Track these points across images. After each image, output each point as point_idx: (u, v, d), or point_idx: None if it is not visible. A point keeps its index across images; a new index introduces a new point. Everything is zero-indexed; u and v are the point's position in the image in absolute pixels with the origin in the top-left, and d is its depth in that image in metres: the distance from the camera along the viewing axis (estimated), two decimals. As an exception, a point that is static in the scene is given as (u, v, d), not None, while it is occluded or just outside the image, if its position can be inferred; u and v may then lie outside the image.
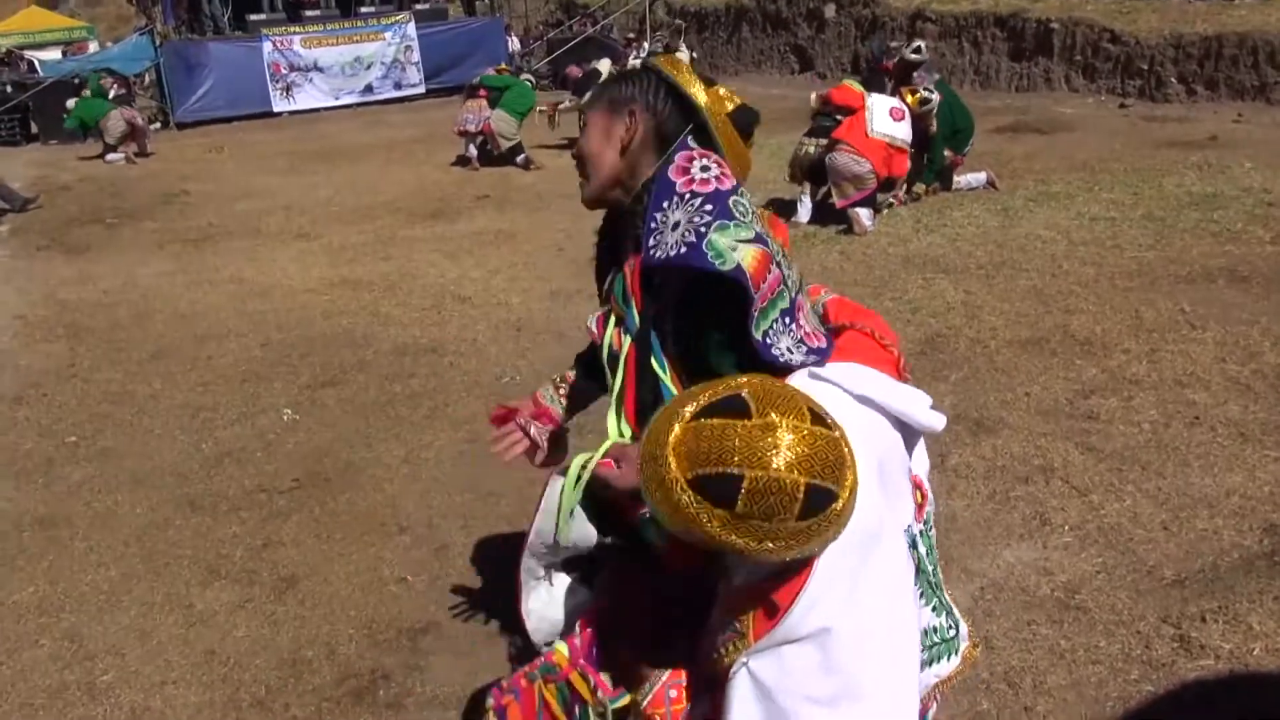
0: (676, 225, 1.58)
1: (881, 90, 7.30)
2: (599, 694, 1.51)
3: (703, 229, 1.55)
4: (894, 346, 1.66)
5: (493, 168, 10.59)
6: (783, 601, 1.25)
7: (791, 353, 1.57)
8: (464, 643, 2.84)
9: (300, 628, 2.99)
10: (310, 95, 17.74)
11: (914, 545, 1.44)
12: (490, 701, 1.51)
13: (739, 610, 1.30)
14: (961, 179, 7.75)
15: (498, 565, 3.06)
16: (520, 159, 10.64)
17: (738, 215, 1.59)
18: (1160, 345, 4.47)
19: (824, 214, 7.24)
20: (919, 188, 7.58)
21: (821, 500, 1.17)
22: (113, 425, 4.59)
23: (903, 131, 6.97)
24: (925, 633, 1.46)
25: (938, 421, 1.49)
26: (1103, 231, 6.27)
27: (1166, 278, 5.34)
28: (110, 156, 13.11)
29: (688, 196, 1.60)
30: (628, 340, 1.66)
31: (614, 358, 1.69)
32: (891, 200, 7.30)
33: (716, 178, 1.63)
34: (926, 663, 1.45)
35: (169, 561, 3.40)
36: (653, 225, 1.61)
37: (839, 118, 7.06)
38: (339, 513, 3.66)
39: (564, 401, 2.02)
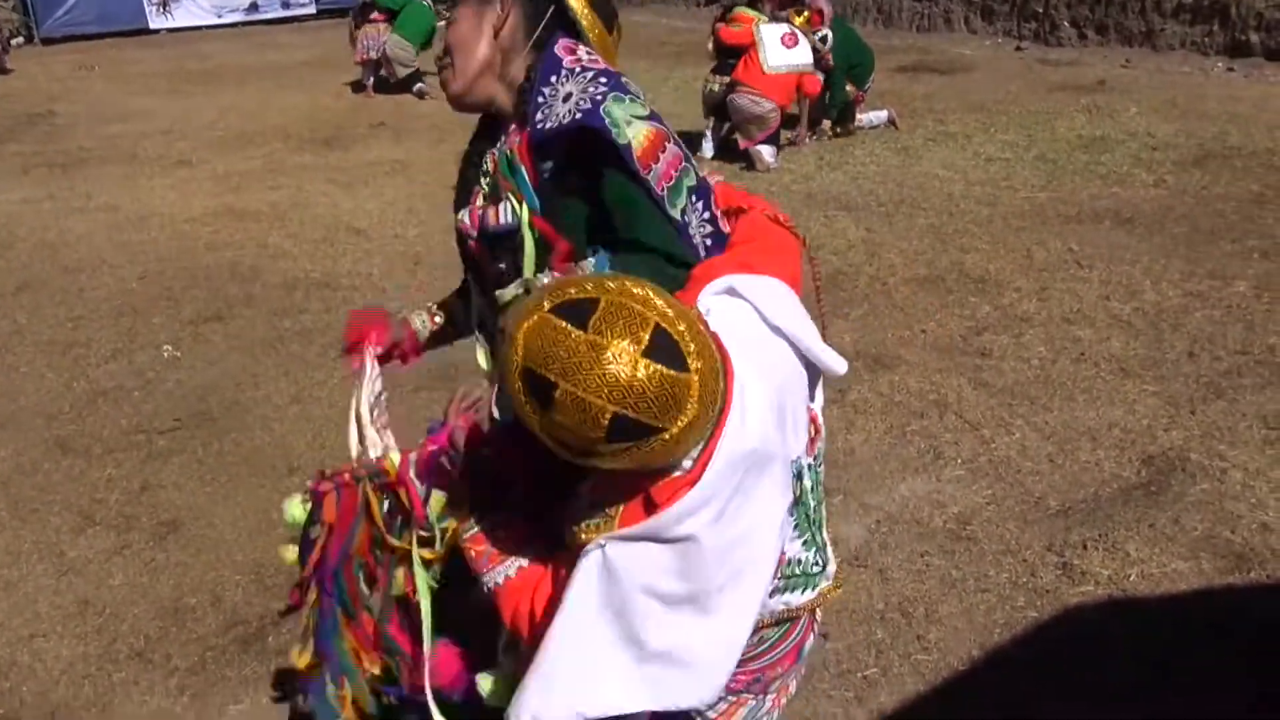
0: (569, 96, 1.52)
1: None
2: (425, 515, 1.50)
3: (598, 98, 1.50)
4: (792, 225, 1.63)
5: (388, 95, 10.16)
6: (660, 500, 1.24)
7: (703, 238, 1.55)
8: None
9: (182, 575, 2.86)
10: (190, 12, 16.66)
11: (799, 477, 1.44)
12: (309, 484, 1.46)
13: (610, 497, 1.29)
14: (864, 117, 7.78)
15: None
16: (417, 88, 10.22)
17: (632, 91, 1.54)
18: (1049, 284, 4.60)
19: (728, 151, 7.19)
20: (825, 124, 7.59)
21: (631, 431, 1.15)
22: (-28, 363, 4.28)
23: (800, 56, 6.86)
24: (788, 562, 1.46)
25: (840, 365, 1.47)
26: (997, 172, 6.40)
27: (1056, 218, 5.49)
28: (-36, 72, 12.11)
29: (578, 70, 1.55)
30: (525, 210, 1.57)
31: (496, 238, 1.61)
32: (794, 139, 7.30)
33: (604, 63, 1.59)
34: (780, 590, 1.46)
35: (37, 508, 3.20)
36: (540, 99, 1.55)
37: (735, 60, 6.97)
38: (224, 454, 3.50)
39: (432, 327, 1.93)
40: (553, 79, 1.56)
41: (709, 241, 1.57)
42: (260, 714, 2.36)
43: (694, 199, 1.57)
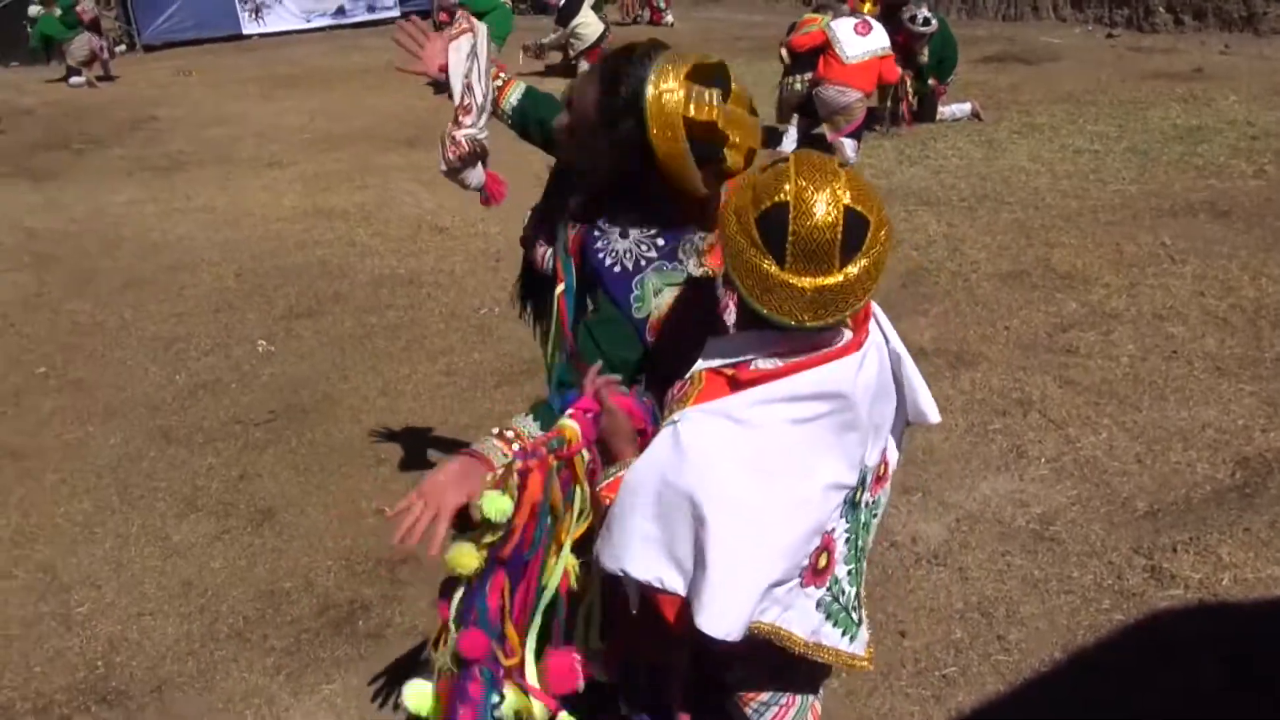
0: (626, 235, 1.64)
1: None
2: (593, 484, 1.50)
3: (642, 263, 1.62)
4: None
5: (470, 95, 10.34)
6: (743, 380, 1.31)
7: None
8: (442, 573, 2.83)
9: (278, 559, 2.98)
10: (280, 17, 17.18)
11: (853, 507, 1.43)
12: (518, 464, 1.48)
13: (693, 376, 1.37)
14: (946, 109, 7.64)
15: (476, 497, 3.05)
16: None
17: (680, 258, 1.63)
18: (1140, 279, 4.47)
19: (808, 146, 7.14)
20: (904, 114, 7.50)
21: (860, 230, 1.25)
22: (83, 356, 4.52)
23: (876, 40, 6.79)
24: (834, 580, 1.44)
25: (934, 413, 1.52)
26: (1086, 164, 6.23)
27: (1148, 211, 5.32)
28: (73, 80, 12.69)
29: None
30: (558, 289, 1.77)
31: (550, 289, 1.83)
32: (892, 125, 7.26)
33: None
34: (824, 616, 1.43)
35: (144, 494, 3.37)
36: (602, 228, 1.67)
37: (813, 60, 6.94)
38: (316, 444, 3.63)
39: None
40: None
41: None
42: (351, 694, 2.46)
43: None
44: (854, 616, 1.49)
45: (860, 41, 6.73)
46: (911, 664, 2.40)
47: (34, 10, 13.21)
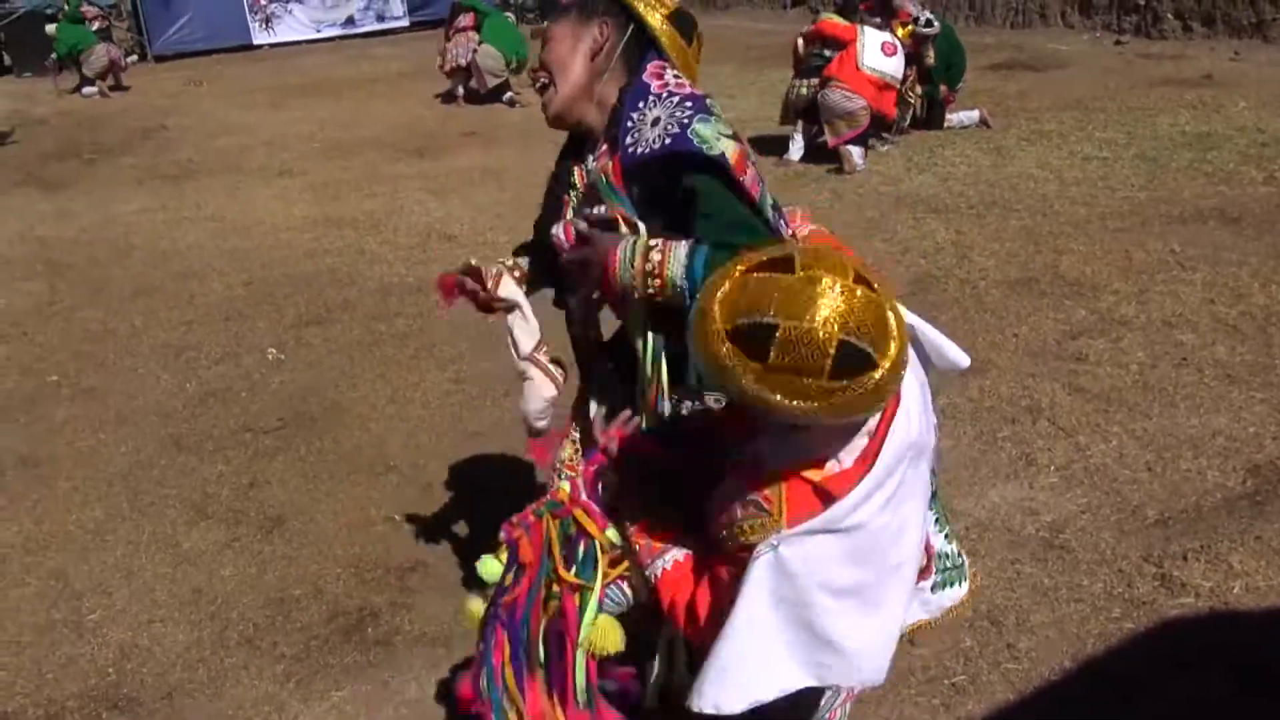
0: (656, 121, 1.60)
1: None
2: (603, 531, 1.53)
3: (685, 120, 1.57)
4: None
5: (478, 105, 10.39)
6: (835, 491, 1.28)
7: None
8: (451, 581, 2.84)
9: (288, 567, 2.99)
10: (290, 27, 17.29)
11: (933, 474, 1.49)
12: (502, 535, 1.52)
13: (768, 490, 1.32)
14: (954, 117, 7.65)
15: (484, 504, 3.06)
16: (507, 96, 10.43)
17: (716, 112, 1.62)
18: (1149, 286, 4.46)
19: (815, 153, 7.14)
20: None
21: (855, 361, 1.17)
22: (95, 364, 4.54)
23: (893, 67, 6.83)
24: (939, 556, 1.51)
25: (964, 359, 1.53)
26: (1095, 171, 6.22)
27: (1158, 218, 5.30)
28: (86, 90, 12.79)
29: (665, 95, 1.63)
30: (642, 229, 1.65)
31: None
32: (891, 140, 7.23)
33: (690, 85, 1.67)
34: (941, 585, 1.51)
35: (154, 501, 3.39)
36: (629, 124, 1.62)
37: (828, 54, 6.92)
38: (325, 452, 3.65)
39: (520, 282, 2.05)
40: (640, 104, 1.63)
41: None
42: (360, 701, 2.46)
43: (776, 214, 1.62)
44: (962, 568, 1.55)
45: (880, 58, 6.76)
46: (921, 672, 2.40)
47: (51, 28, 13.38)
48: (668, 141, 1.56)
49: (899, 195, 6.16)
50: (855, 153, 6.76)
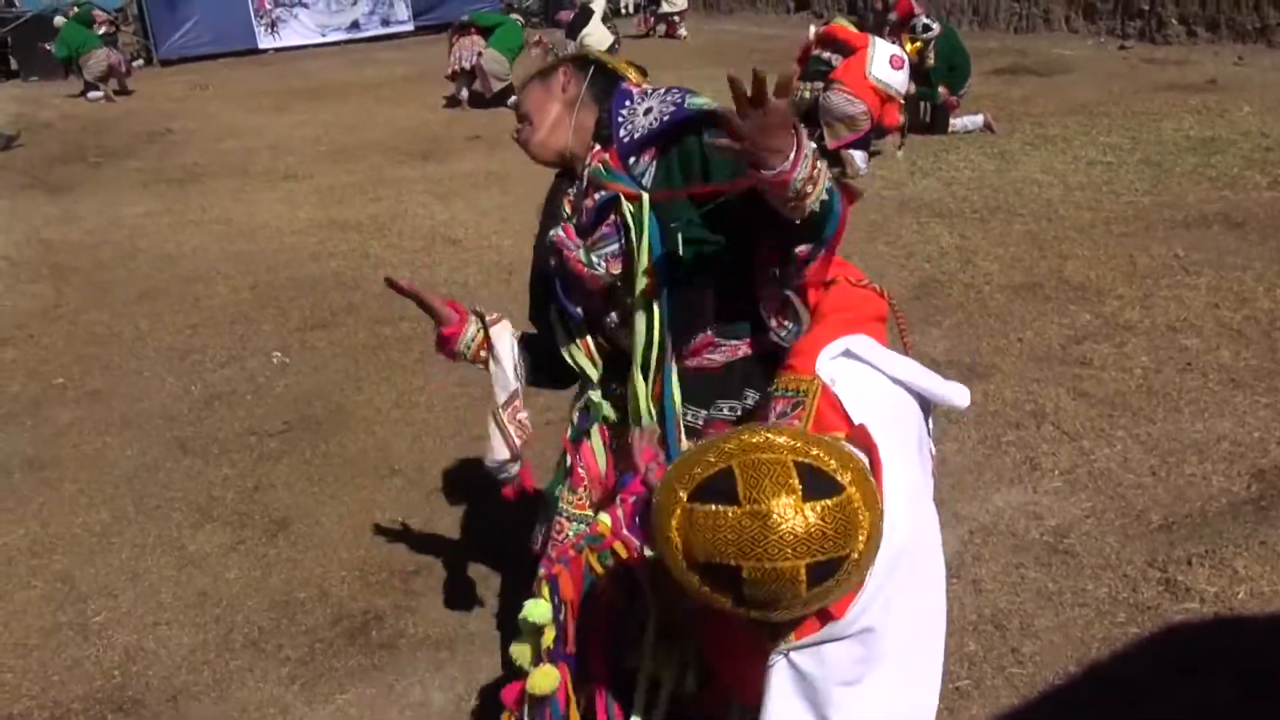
0: (649, 110, 1.66)
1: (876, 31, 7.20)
2: (644, 554, 1.53)
3: (679, 100, 1.64)
4: (876, 286, 1.68)
5: (482, 109, 10.41)
6: (834, 611, 1.27)
7: None
8: (455, 584, 2.85)
9: (293, 570, 3.00)
10: (296, 31, 17.35)
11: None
12: (541, 571, 1.53)
13: None
14: (958, 121, 7.65)
15: (489, 507, 3.06)
16: (511, 101, 10.38)
17: (694, 93, 1.67)
18: (1154, 291, 4.46)
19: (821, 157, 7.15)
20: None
21: (828, 569, 1.15)
22: (100, 367, 4.56)
23: (899, 81, 6.82)
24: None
25: (964, 398, 1.52)
26: (1099, 176, 6.22)
27: (1162, 223, 5.30)
28: (91, 94, 12.83)
29: (650, 92, 1.70)
30: (644, 196, 1.63)
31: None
32: (901, 145, 7.25)
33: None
34: None
35: (160, 504, 3.40)
36: (619, 120, 1.68)
37: (834, 61, 6.93)
38: (330, 456, 3.65)
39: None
40: (627, 103, 1.70)
41: None
42: (365, 704, 2.47)
43: None
44: None
45: (887, 70, 6.76)
46: (925, 677, 2.40)
47: (58, 20, 13.39)
48: (666, 118, 1.62)
49: (903, 199, 6.17)
50: (858, 156, 6.76)
